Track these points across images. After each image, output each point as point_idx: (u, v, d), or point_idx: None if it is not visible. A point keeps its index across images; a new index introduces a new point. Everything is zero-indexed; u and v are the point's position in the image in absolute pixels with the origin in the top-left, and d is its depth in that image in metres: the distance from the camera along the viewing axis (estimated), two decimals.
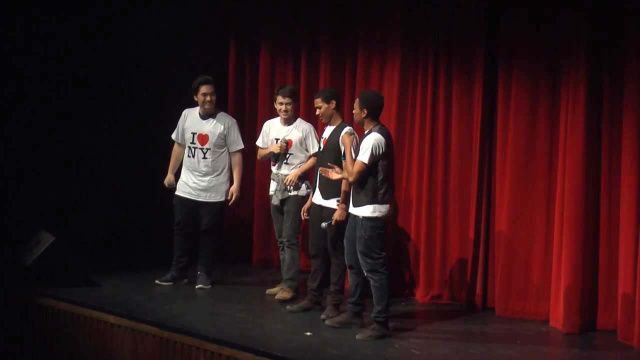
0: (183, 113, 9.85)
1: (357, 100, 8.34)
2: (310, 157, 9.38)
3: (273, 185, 9.49)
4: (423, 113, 9.63)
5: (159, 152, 10.31)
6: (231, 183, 9.76)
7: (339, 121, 8.87)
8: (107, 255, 10.69)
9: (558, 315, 8.76)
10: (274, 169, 9.48)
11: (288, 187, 9.30)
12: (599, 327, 8.69)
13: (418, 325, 8.78)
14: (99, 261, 10.39)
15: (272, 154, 9.44)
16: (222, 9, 11.24)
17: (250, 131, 10.68)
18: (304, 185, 9.38)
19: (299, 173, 9.32)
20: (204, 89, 9.63)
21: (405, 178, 9.77)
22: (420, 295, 9.65)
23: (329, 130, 8.90)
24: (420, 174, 9.66)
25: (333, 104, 8.82)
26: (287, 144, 9.36)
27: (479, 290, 9.37)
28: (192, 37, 11.27)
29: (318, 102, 8.92)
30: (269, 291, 9.66)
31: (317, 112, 8.96)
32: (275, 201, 9.44)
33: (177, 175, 9.91)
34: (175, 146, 9.91)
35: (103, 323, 8.86)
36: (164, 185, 9.90)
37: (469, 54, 9.32)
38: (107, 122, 11.08)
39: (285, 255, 9.44)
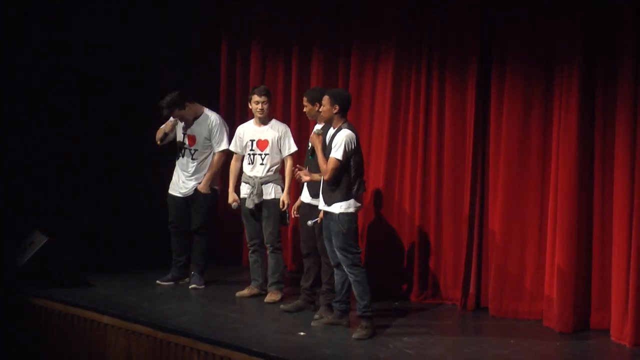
0: None
1: (326, 97, 8.34)
2: (285, 158, 9.35)
3: (245, 188, 9.38)
4: (416, 113, 9.62)
5: (152, 151, 10.30)
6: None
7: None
8: (101, 256, 10.67)
9: (552, 314, 8.77)
10: (246, 171, 9.40)
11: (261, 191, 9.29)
12: (593, 327, 8.70)
13: (412, 325, 8.78)
14: (93, 261, 10.37)
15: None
16: (215, 8, 11.23)
17: None
18: (279, 187, 9.35)
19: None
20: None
21: (399, 178, 9.77)
22: (413, 295, 9.64)
23: (317, 128, 8.87)
24: (413, 174, 9.65)
25: (317, 107, 8.76)
26: (238, 204, 9.38)
27: (472, 289, 9.37)
28: (184, 36, 11.27)
29: (304, 100, 8.92)
30: (238, 294, 9.58)
31: (304, 109, 8.95)
32: (249, 204, 9.33)
33: (172, 170, 9.91)
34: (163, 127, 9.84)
35: (97, 323, 8.85)
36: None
37: (463, 55, 9.31)
38: (101, 121, 11.05)
39: (270, 260, 9.39)
